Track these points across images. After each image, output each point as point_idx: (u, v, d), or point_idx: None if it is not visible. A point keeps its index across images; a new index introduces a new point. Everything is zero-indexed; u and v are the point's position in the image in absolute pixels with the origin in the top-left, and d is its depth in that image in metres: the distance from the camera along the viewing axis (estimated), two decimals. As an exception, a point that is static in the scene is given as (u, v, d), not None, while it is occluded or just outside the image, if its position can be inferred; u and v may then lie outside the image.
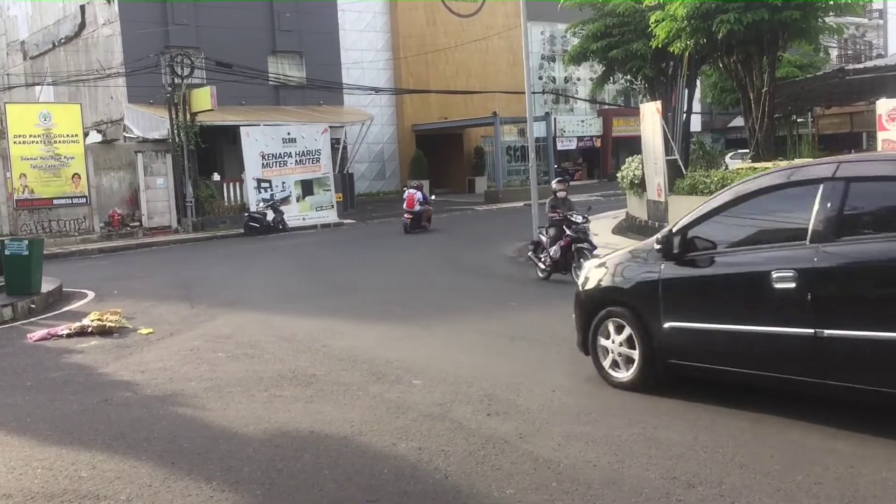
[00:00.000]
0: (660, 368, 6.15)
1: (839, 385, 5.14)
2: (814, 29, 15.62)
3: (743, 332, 5.57)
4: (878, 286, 4.98)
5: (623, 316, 6.38)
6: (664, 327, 6.03)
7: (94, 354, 8.90)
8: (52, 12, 36.32)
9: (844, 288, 5.13)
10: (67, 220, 24.80)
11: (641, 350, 6.21)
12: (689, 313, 5.94)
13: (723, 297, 5.79)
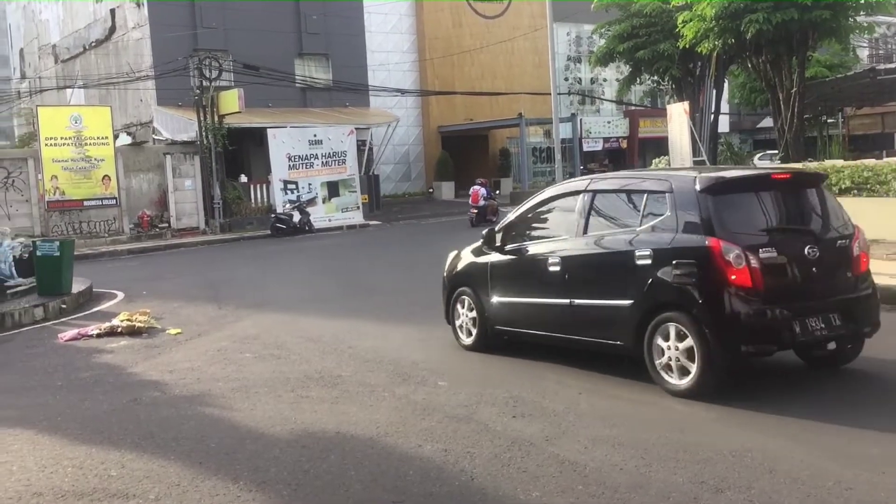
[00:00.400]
0: (490, 333, 8.00)
1: (583, 339, 7.07)
2: (844, 28, 15.44)
3: (532, 303, 7.55)
4: (601, 268, 6.89)
5: (468, 294, 8.27)
6: (492, 301, 7.94)
7: (124, 354, 9.00)
8: (82, 16, 36.81)
9: (584, 269, 7.00)
10: (97, 221, 25.12)
11: (479, 320, 8.10)
12: (505, 291, 7.85)
13: (522, 278, 7.72)
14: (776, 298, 6.02)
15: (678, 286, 6.17)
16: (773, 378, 6.64)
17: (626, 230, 6.71)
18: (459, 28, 40.82)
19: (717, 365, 6.01)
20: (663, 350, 6.25)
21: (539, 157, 40.65)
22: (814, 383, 6.50)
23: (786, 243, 6.20)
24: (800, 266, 6.17)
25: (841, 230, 6.50)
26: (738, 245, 5.95)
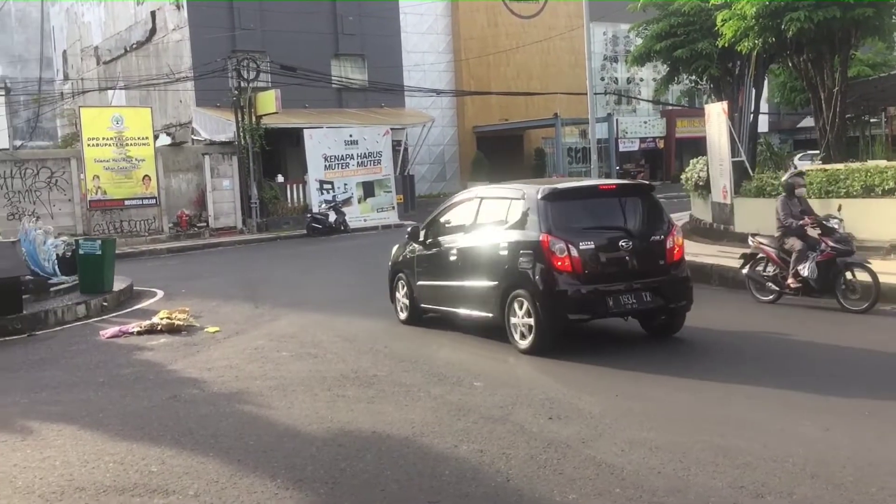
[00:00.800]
0: (417, 311, 9.89)
1: (472, 313, 8.83)
2: (887, 26, 15.13)
3: (441, 285, 9.38)
4: (479, 257, 8.69)
5: (403, 279, 10.21)
6: (418, 284, 9.82)
7: (163, 352, 9.13)
8: (124, 18, 37.41)
9: (470, 258, 8.82)
10: (138, 220, 25.50)
11: (410, 299, 10.02)
12: (425, 276, 9.72)
13: (435, 266, 9.53)
14: (593, 280, 7.85)
15: (522, 270, 8.01)
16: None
17: (495, 229, 8.58)
18: (495, 28, 40.76)
19: (547, 330, 7.81)
20: (513, 319, 8.08)
21: (574, 157, 40.44)
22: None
23: (603, 238, 7.96)
24: (614, 256, 7.97)
25: (657, 228, 8.26)
26: (562, 239, 7.75)
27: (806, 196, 10.88)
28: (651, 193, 8.70)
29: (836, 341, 8.03)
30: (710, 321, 9.17)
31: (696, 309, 8.53)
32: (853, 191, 12.71)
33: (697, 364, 7.39)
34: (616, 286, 7.90)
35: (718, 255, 13.49)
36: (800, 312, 9.69)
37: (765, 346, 8.03)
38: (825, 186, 13.21)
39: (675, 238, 8.30)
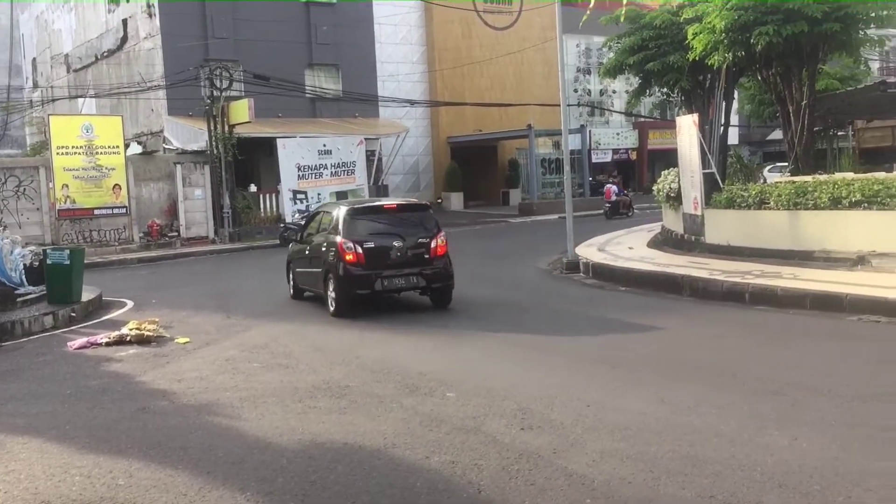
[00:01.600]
0: (298, 290, 13.43)
1: (318, 291, 12.30)
2: (854, 41, 15.40)
3: (305, 271, 12.93)
4: (315, 252, 12.34)
5: (290, 267, 13.80)
6: (296, 271, 13.40)
7: (133, 363, 9.02)
8: (95, 26, 37.09)
9: (314, 253, 12.43)
10: (108, 229, 25.24)
11: (294, 282, 13.60)
12: (297, 265, 13.41)
13: (301, 258, 13.16)
14: (372, 268, 11.37)
15: (331, 261, 11.63)
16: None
17: (324, 233, 12.24)
18: (469, 39, 40.92)
19: (342, 300, 11.48)
20: (329, 293, 11.70)
21: (548, 168, 40.62)
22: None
23: (381, 241, 11.52)
24: (388, 252, 11.47)
25: (425, 234, 11.78)
26: (351, 241, 11.39)
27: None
28: (426, 210, 12.56)
29: (807, 353, 8.12)
30: (677, 332, 9.24)
31: (666, 319, 8.57)
32: (821, 203, 12.90)
33: (666, 374, 7.44)
34: (388, 272, 11.44)
35: (689, 265, 13.63)
36: (771, 321, 9.81)
37: (732, 357, 8.10)
38: (794, 198, 13.40)
39: (438, 240, 11.81)
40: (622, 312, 11.14)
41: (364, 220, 11.81)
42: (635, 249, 17.16)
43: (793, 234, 13.45)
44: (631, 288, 13.32)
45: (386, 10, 36.64)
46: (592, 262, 15.38)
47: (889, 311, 9.40)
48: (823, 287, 10.52)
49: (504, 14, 41.90)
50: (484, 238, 25.26)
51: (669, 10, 18.30)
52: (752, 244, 14.12)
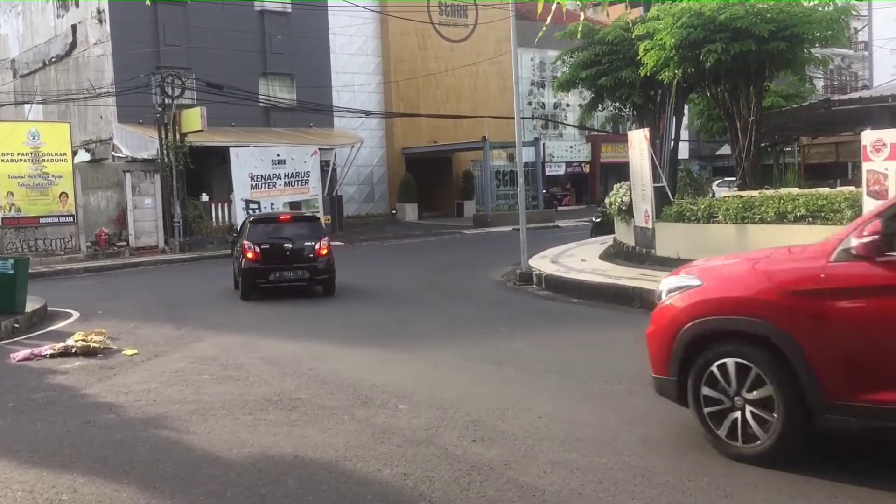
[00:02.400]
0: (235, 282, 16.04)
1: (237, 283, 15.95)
2: (800, 60, 15.81)
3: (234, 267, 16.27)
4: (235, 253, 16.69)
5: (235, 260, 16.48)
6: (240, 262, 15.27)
7: (78, 375, 8.83)
8: (43, 31, 36.36)
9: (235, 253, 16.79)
10: (54, 238, 24.69)
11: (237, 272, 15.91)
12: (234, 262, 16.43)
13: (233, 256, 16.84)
14: (267, 263, 14.70)
15: (238, 258, 15.34)
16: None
17: (240, 238, 15.65)
18: (424, 51, 41.06)
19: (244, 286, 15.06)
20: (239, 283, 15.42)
21: (502, 180, 40.88)
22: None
23: (276, 243, 14.89)
24: (280, 252, 14.81)
25: (312, 238, 15.05)
26: (251, 243, 14.72)
27: None
28: (315, 220, 16.72)
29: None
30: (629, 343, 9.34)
31: (617, 331, 8.62)
32: (767, 217, 13.19)
33: (617, 386, 7.52)
34: (279, 267, 14.75)
35: (640, 278, 13.81)
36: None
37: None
38: (741, 213, 13.67)
39: (321, 243, 15.01)
40: (574, 324, 11.24)
41: (263, 227, 15.39)
42: (588, 262, 17.34)
43: (741, 248, 13.69)
44: (583, 300, 13.45)
45: (341, 20, 36.59)
46: (545, 273, 15.51)
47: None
48: (769, 299, 10.72)
49: (460, 27, 42.16)
50: (439, 250, 25.31)
51: (622, 26, 18.60)
52: (701, 257, 14.33)
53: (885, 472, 4.97)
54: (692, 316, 5.43)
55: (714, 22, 14.41)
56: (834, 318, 4.84)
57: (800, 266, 5.16)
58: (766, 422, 5.05)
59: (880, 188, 10.85)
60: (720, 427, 5.27)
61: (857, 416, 4.80)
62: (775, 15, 14.35)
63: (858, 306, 4.80)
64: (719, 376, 5.28)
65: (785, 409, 4.95)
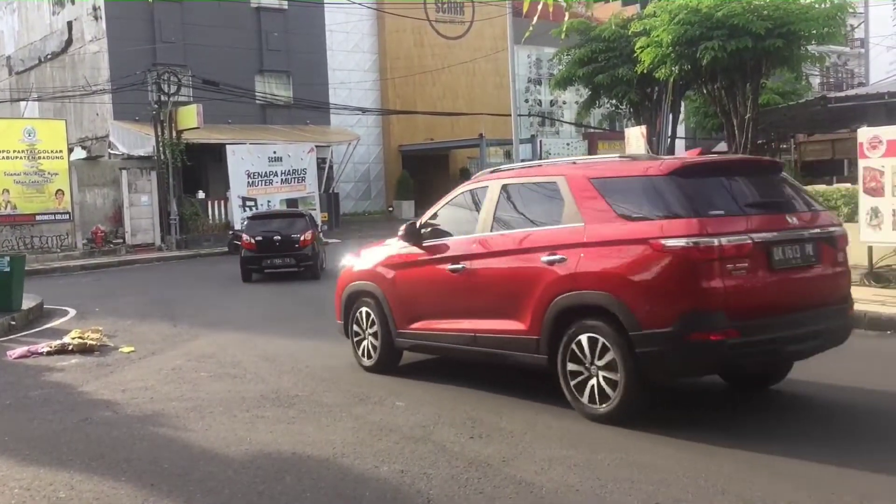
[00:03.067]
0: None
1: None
2: (796, 57, 15.81)
3: None
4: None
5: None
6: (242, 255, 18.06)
7: (75, 373, 8.82)
8: (38, 28, 36.28)
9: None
10: (50, 236, 24.65)
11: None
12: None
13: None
14: (260, 252, 17.26)
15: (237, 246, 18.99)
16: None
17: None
18: (421, 48, 41.04)
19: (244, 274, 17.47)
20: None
21: (499, 177, 40.81)
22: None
23: (266, 236, 17.23)
24: (272, 243, 17.20)
25: (301, 231, 17.42)
26: (248, 235, 17.48)
27: None
28: (302, 216, 18.71)
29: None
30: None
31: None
32: (764, 214, 13.18)
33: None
34: (271, 255, 17.22)
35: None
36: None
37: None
38: (738, 209, 13.66)
39: (306, 235, 17.27)
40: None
41: (258, 222, 18.27)
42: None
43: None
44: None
45: (338, 17, 36.55)
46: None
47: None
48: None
49: (456, 24, 42.13)
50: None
51: (618, 23, 18.61)
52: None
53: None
54: (349, 280, 8.58)
55: (711, 19, 14.40)
56: (396, 280, 7.87)
57: (387, 250, 8.16)
58: (375, 350, 8.21)
59: (876, 185, 10.88)
60: (360, 350, 8.46)
61: (407, 339, 7.85)
62: (772, 12, 14.34)
63: (405, 272, 7.81)
64: (361, 317, 8.32)
65: (381, 337, 8.07)
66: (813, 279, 6.14)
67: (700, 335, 5.60)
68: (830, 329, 6.22)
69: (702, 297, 5.60)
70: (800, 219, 6.12)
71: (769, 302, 5.82)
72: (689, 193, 5.83)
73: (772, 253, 5.81)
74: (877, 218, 10.88)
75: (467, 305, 7.11)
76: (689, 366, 5.99)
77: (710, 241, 5.56)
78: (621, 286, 5.84)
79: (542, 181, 6.88)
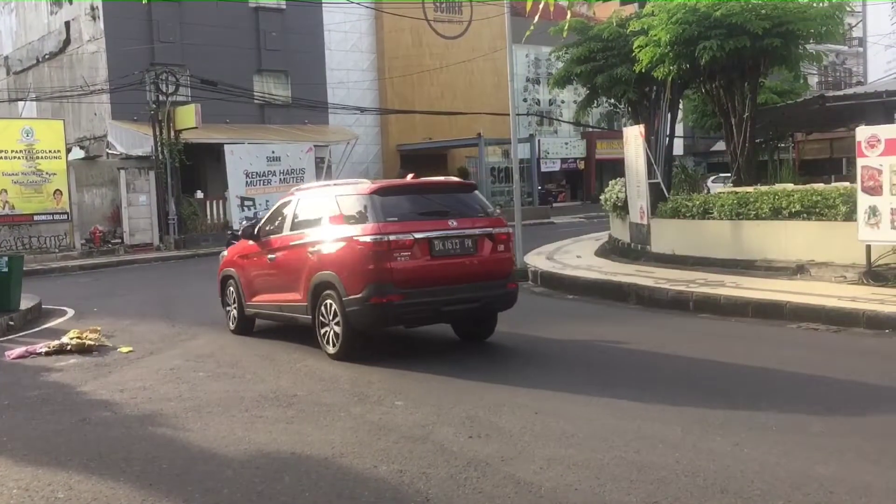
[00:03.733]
0: None
1: None
2: (794, 56, 15.82)
3: None
4: None
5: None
6: None
7: (73, 373, 8.81)
8: (36, 28, 36.25)
9: None
10: (48, 236, 24.64)
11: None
12: None
13: None
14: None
15: None
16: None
17: None
18: (419, 48, 41.04)
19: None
20: None
21: (497, 176, 40.89)
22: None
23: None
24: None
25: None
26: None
27: None
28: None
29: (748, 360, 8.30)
30: (623, 339, 9.37)
31: (612, 327, 8.68)
32: (762, 213, 13.21)
33: (612, 381, 7.53)
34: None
35: (636, 274, 13.83)
36: (714, 329, 10.00)
37: (677, 364, 8.23)
38: (736, 209, 13.69)
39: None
40: (569, 320, 11.25)
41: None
42: (583, 258, 17.36)
43: (736, 244, 13.74)
44: (578, 296, 13.45)
45: (336, 17, 36.55)
46: (541, 270, 15.51)
47: (827, 320, 9.66)
48: (764, 295, 10.77)
49: (454, 23, 42.13)
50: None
51: (617, 22, 18.58)
52: (696, 253, 14.39)
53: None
54: (222, 266, 11.50)
55: (709, 18, 14.41)
56: (244, 267, 10.67)
57: (242, 245, 10.95)
58: (236, 319, 11.02)
59: (875, 184, 10.88)
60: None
61: (252, 309, 10.54)
62: (770, 11, 14.35)
63: (247, 260, 10.63)
64: (228, 294, 11.17)
65: (238, 309, 10.92)
66: (470, 263, 8.73)
67: (377, 299, 8.32)
68: (489, 297, 8.87)
69: (378, 274, 8.30)
70: (462, 222, 8.73)
71: (428, 277, 8.46)
72: (379, 206, 8.50)
73: (433, 245, 8.53)
74: (875, 216, 10.88)
75: (276, 284, 9.91)
76: (375, 319, 8.62)
77: (383, 238, 8.29)
78: (339, 268, 8.66)
79: (313, 197, 9.81)
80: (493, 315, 9.44)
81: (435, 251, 8.51)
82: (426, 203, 8.97)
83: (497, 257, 8.93)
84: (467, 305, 8.78)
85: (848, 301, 9.96)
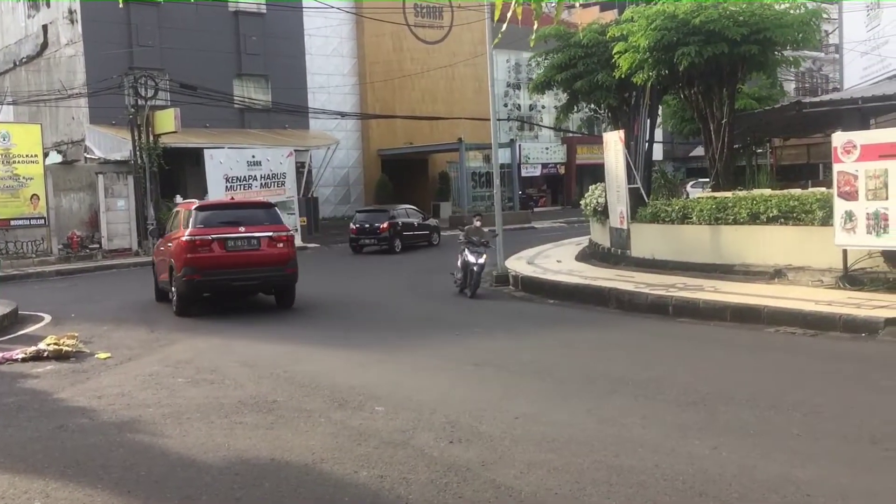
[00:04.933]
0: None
1: None
2: (771, 62, 16.00)
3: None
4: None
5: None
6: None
7: (50, 379, 8.72)
8: (13, 31, 35.91)
9: None
10: (25, 241, 24.39)
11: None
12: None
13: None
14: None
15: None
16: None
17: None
18: (400, 53, 41.05)
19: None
20: None
21: (478, 181, 40.96)
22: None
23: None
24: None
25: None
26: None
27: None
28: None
29: (727, 364, 8.35)
30: (604, 344, 9.41)
31: (591, 332, 8.69)
32: (740, 218, 13.33)
33: (592, 386, 7.56)
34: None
35: (615, 278, 13.90)
36: (693, 333, 10.06)
37: (656, 368, 8.28)
38: (715, 213, 13.80)
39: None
40: (550, 325, 11.28)
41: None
42: (564, 262, 17.42)
43: (714, 248, 13.85)
44: (559, 301, 13.50)
45: (316, 21, 36.45)
46: (522, 275, 15.55)
47: (804, 323, 9.76)
48: (743, 300, 10.86)
49: (435, 28, 42.18)
50: (417, 251, 25.28)
51: (596, 28, 18.69)
52: (675, 258, 14.49)
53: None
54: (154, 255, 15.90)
55: (688, 25, 14.54)
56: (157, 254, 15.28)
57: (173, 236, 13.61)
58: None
59: (850, 189, 11.01)
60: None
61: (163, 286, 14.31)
62: (748, 18, 14.50)
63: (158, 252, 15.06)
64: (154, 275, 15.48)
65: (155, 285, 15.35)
66: (255, 255, 13.00)
67: (187, 277, 12.71)
68: (270, 278, 13.28)
69: (189, 261, 12.70)
70: (250, 228, 13.07)
71: (223, 264, 12.82)
72: (197, 218, 13.10)
73: (227, 242, 12.89)
74: (851, 221, 11.00)
75: (165, 267, 13.74)
76: (188, 290, 12.90)
77: (193, 238, 12.79)
78: (175, 256, 13.03)
79: (178, 209, 14.64)
80: (285, 290, 13.55)
81: (228, 247, 12.92)
82: (229, 216, 13.46)
83: (277, 251, 13.17)
84: (251, 283, 13.31)
85: (825, 305, 10.06)
